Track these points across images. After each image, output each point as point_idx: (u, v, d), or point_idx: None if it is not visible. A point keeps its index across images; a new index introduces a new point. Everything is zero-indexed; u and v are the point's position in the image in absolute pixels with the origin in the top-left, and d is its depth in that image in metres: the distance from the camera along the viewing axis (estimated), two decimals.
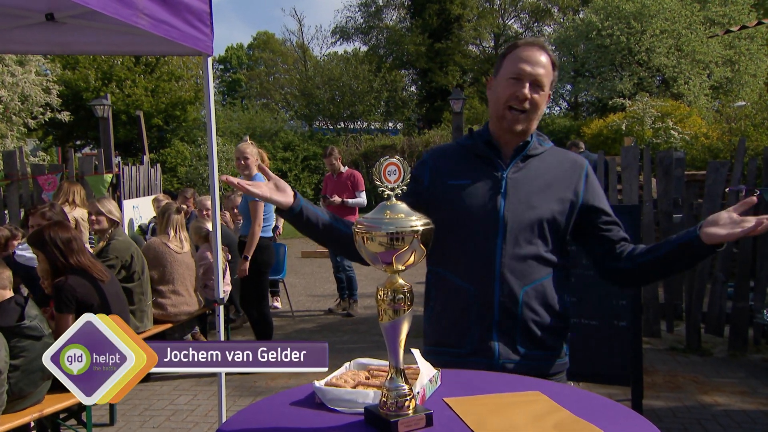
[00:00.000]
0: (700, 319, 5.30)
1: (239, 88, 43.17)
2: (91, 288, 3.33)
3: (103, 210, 4.44)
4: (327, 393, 1.37)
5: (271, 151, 21.11)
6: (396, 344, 1.29)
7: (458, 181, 1.81)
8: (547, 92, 1.80)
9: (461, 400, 1.40)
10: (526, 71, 1.74)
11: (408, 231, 1.23)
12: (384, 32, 31.55)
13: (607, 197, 1.92)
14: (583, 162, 1.87)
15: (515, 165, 1.80)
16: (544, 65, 1.77)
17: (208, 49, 3.28)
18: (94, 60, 20.42)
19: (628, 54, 21.26)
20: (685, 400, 4.21)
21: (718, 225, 1.62)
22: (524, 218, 1.74)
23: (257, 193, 1.61)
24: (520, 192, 1.77)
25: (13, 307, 2.98)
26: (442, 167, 1.85)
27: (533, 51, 1.77)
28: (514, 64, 1.77)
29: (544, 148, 1.85)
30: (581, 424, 1.26)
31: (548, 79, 1.78)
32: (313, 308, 7.39)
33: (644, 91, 19.81)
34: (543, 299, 1.76)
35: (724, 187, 5.32)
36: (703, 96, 20.80)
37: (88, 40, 3.58)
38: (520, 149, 1.81)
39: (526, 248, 1.74)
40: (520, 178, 1.78)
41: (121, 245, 4.34)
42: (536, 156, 1.83)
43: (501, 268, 1.73)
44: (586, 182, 1.83)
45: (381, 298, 1.28)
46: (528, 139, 1.82)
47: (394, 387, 1.26)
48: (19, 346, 2.92)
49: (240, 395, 4.47)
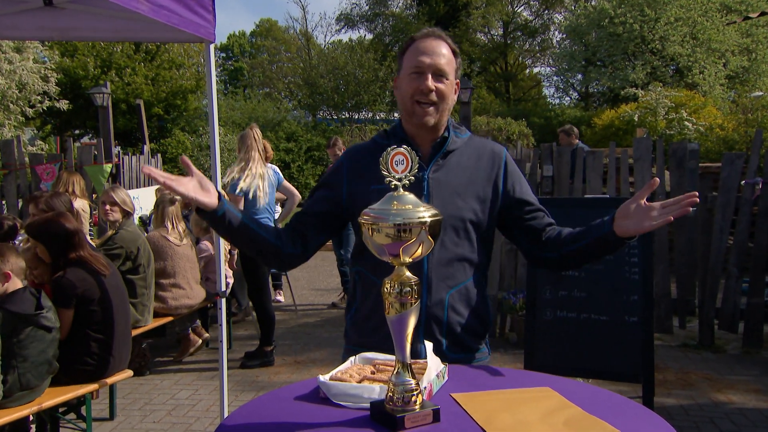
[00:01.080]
0: (713, 315, 5.29)
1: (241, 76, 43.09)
2: (91, 282, 3.33)
3: (117, 200, 4.43)
4: (332, 387, 1.37)
5: (274, 141, 21.11)
6: (403, 338, 1.29)
7: (380, 185, 1.70)
8: (453, 80, 1.80)
9: (469, 395, 1.40)
10: (426, 63, 1.75)
11: (416, 222, 1.23)
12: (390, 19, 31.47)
13: (617, 191, 1.91)
14: (500, 151, 1.88)
15: (435, 164, 1.79)
16: (444, 54, 1.77)
17: (210, 36, 3.28)
18: (94, 47, 20.44)
19: (641, 42, 21.14)
20: (698, 397, 4.21)
21: (628, 217, 1.62)
22: (448, 220, 1.72)
23: (178, 190, 1.56)
24: (443, 192, 1.76)
25: (28, 296, 3.00)
26: (361, 171, 1.82)
27: (430, 42, 1.78)
28: (413, 58, 1.77)
29: (462, 140, 1.85)
30: (592, 420, 1.26)
31: (450, 67, 1.78)
32: (317, 302, 7.41)
33: (657, 80, 19.71)
34: (467, 301, 1.79)
35: (740, 180, 5.29)
36: (718, 86, 20.68)
37: (87, 26, 3.58)
38: (438, 146, 1.81)
39: (452, 250, 1.75)
40: (441, 177, 1.78)
41: (128, 236, 4.34)
42: (455, 151, 1.82)
43: (428, 273, 1.73)
44: (505, 173, 1.84)
45: (387, 291, 1.28)
46: (445, 135, 1.82)
47: (401, 382, 1.27)
48: (32, 335, 2.94)
49: (242, 390, 4.49)
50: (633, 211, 1.61)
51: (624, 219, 1.63)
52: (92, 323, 3.33)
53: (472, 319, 1.80)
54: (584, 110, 24.87)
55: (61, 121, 21.24)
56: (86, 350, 3.31)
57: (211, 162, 3.46)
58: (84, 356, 3.31)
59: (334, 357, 5.17)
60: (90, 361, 3.32)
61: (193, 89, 22.31)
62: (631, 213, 1.61)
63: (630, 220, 1.61)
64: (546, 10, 32.29)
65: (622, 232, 1.63)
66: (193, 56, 23.64)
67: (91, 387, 3.33)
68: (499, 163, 1.85)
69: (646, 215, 1.59)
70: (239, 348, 5.43)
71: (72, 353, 3.26)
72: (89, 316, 3.32)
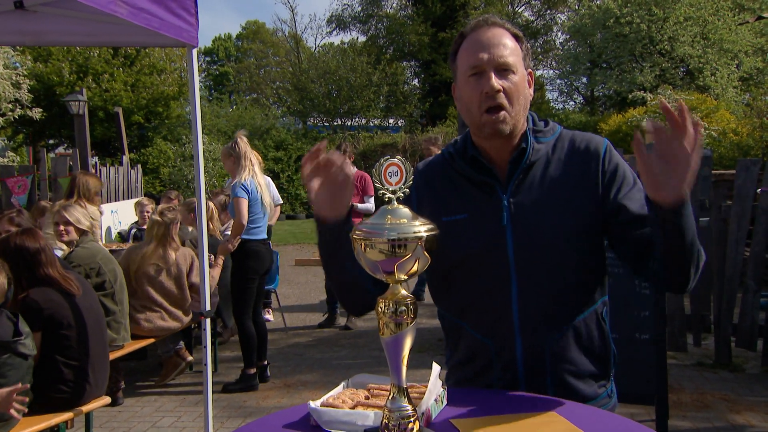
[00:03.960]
0: (730, 332, 5.29)
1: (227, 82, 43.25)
2: (60, 303, 3.28)
3: (71, 219, 4.42)
4: (323, 414, 1.37)
5: (262, 150, 21.14)
6: (398, 360, 1.28)
7: (452, 216, 1.61)
8: (523, 72, 1.58)
9: (470, 421, 1.39)
10: (485, 59, 1.53)
11: (411, 237, 1.22)
12: (384, 21, 31.63)
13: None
14: (598, 145, 1.61)
15: (516, 183, 1.58)
16: (505, 44, 1.55)
17: (192, 40, 3.29)
18: (69, 51, 20.47)
19: (649, 43, 21.30)
20: (715, 420, 4.20)
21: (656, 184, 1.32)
22: (539, 253, 1.54)
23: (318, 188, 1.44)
24: (528, 219, 1.56)
25: (5, 321, 2.96)
26: (431, 197, 1.66)
27: (484, 32, 1.56)
28: (468, 56, 1.56)
29: (546, 144, 1.62)
30: None
31: (516, 57, 1.56)
32: (308, 320, 7.39)
33: (667, 83, 19.83)
34: (578, 343, 1.60)
35: (756, 188, 5.31)
36: (731, 88, 20.81)
37: (61, 29, 3.59)
38: (516, 161, 1.59)
39: (549, 287, 1.56)
40: (525, 200, 1.57)
41: (85, 253, 4.32)
42: (537, 161, 1.60)
43: (519, 320, 1.56)
44: (603, 172, 1.58)
45: (382, 310, 1.28)
46: (523, 145, 1.59)
47: (397, 407, 1.26)
48: (8, 364, 2.90)
49: (228, 416, 4.46)
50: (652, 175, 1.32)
51: (655, 191, 1.34)
52: (65, 348, 3.28)
53: (588, 362, 1.61)
54: (590, 115, 25.00)
55: (34, 130, 21.22)
56: (59, 377, 3.28)
57: (195, 173, 3.47)
58: (57, 383, 3.27)
59: (326, 379, 5.15)
60: (64, 388, 3.29)
61: (176, 96, 22.34)
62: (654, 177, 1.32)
63: (660, 184, 1.32)
64: (548, 10, 32.55)
65: (663, 198, 1.33)
66: (175, 61, 23.70)
67: (66, 416, 3.30)
68: (597, 159, 1.59)
69: (665, 161, 1.30)
70: (225, 371, 5.40)
71: (44, 380, 3.22)
72: (61, 340, 3.27)
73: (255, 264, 4.95)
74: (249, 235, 4.88)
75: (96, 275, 4.30)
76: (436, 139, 6.83)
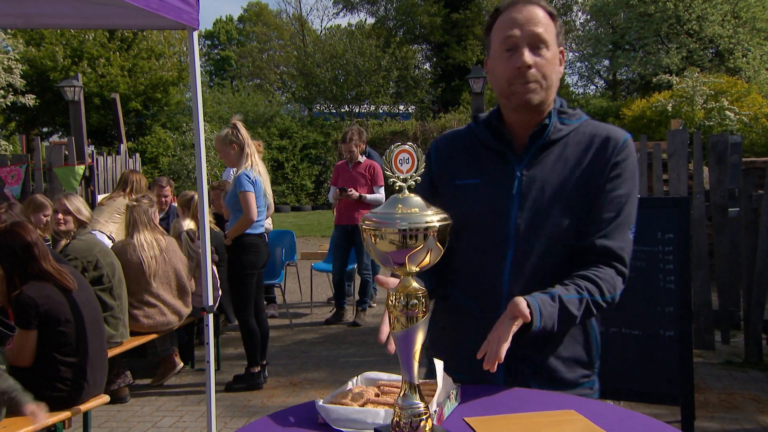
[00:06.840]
0: (761, 329, 5.27)
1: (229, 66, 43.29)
2: (56, 299, 3.30)
3: (71, 208, 4.44)
4: (331, 412, 1.38)
5: (266, 138, 21.18)
6: (410, 356, 1.29)
7: (465, 180, 1.76)
8: (555, 49, 1.69)
9: (484, 419, 1.40)
10: (518, 35, 1.65)
11: (422, 227, 1.23)
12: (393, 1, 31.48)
13: (650, 189, 1.83)
14: (617, 138, 1.70)
15: (531, 157, 1.70)
16: (539, 19, 1.66)
17: (193, 22, 3.30)
18: (63, 35, 20.51)
19: (676, 23, 21.12)
20: (744, 422, 4.19)
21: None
22: (540, 228, 1.65)
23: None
24: (537, 194, 1.67)
25: None
26: (449, 161, 1.81)
27: (519, 8, 1.67)
28: (502, 32, 1.68)
29: (569, 127, 1.72)
30: None
31: (550, 33, 1.67)
32: (315, 317, 7.41)
33: (694, 65, 19.67)
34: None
35: None
36: (764, 70, 20.63)
37: (54, 12, 3.60)
38: (536, 135, 1.70)
39: (542, 262, 1.67)
40: (537, 175, 1.68)
41: (82, 245, 4.35)
42: (559, 141, 1.70)
43: (509, 290, 1.65)
44: (611, 167, 1.68)
45: (392, 304, 1.28)
46: (545, 121, 1.70)
47: (408, 405, 1.27)
48: None
49: (232, 416, 4.50)
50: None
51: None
52: (62, 345, 3.31)
53: (569, 345, 1.72)
54: (612, 100, 24.84)
55: (27, 117, 21.33)
56: (56, 375, 3.30)
57: (196, 162, 3.48)
58: (54, 382, 3.30)
59: (333, 378, 5.18)
60: (61, 386, 3.31)
61: (175, 81, 22.37)
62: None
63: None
64: None
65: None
66: (174, 44, 23.71)
67: (63, 415, 3.33)
68: (612, 149, 1.68)
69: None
70: (228, 369, 5.44)
71: (41, 379, 3.25)
72: (57, 337, 3.30)
73: (254, 258, 4.95)
74: (249, 228, 4.88)
75: (93, 269, 4.33)
76: (360, 132, 6.77)
